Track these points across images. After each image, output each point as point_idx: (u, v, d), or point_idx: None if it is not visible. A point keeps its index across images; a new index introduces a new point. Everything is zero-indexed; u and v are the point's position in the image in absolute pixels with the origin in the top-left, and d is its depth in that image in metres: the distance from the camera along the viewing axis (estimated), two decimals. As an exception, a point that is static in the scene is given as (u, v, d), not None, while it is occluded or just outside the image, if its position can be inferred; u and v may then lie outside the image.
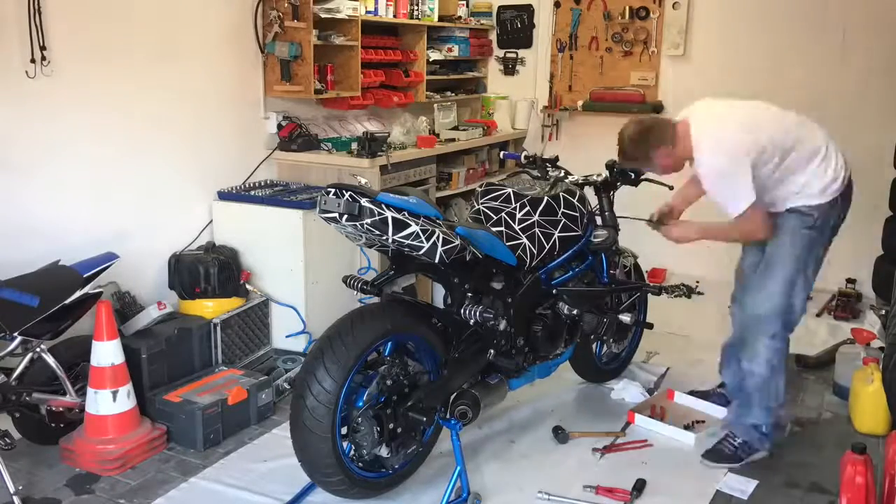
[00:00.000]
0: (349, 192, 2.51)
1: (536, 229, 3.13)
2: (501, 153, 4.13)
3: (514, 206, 3.14)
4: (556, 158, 3.54)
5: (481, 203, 3.21)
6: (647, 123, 3.09)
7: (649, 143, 3.02)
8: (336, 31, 4.48)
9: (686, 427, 3.38)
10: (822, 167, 2.99)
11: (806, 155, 2.98)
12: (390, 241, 2.55)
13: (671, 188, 3.41)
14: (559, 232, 3.19)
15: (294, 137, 4.37)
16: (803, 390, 3.88)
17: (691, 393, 3.68)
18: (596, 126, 5.61)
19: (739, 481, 3.02)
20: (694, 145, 2.94)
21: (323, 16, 4.30)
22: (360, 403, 2.69)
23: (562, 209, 3.22)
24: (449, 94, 5.68)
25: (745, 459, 3.15)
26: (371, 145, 4.26)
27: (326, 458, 2.62)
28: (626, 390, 3.76)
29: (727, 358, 3.47)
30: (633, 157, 3.10)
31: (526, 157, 3.55)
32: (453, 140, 5.12)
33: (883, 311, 4.06)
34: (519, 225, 3.11)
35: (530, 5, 5.94)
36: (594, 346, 3.78)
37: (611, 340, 3.79)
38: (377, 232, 2.53)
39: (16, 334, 2.83)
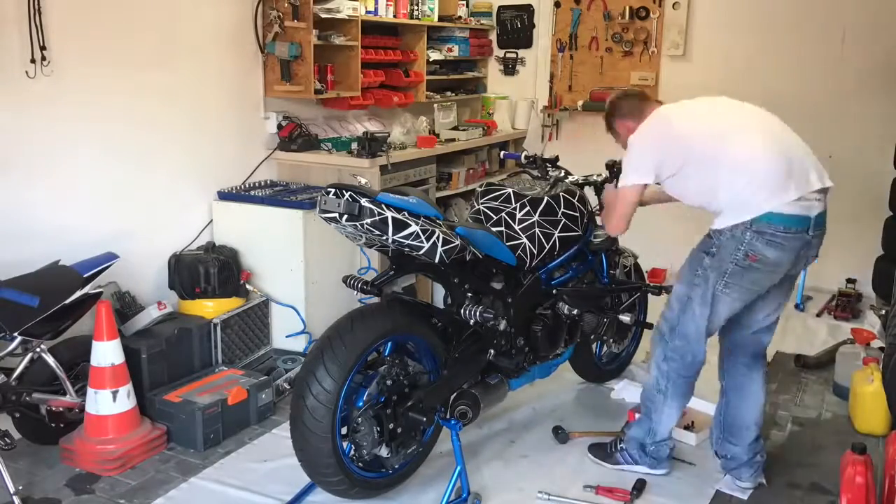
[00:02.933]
0: (349, 192, 2.51)
1: (536, 229, 3.13)
2: (502, 153, 4.13)
3: (514, 206, 3.14)
4: (557, 158, 3.54)
5: (481, 203, 3.21)
6: (628, 93, 3.19)
7: (620, 110, 3.10)
8: (336, 31, 4.48)
9: (686, 427, 3.38)
10: (739, 186, 2.67)
11: (729, 167, 2.69)
12: (390, 241, 2.55)
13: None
14: (559, 232, 3.19)
15: (294, 137, 4.37)
16: (803, 390, 3.88)
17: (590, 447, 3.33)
18: (596, 126, 5.55)
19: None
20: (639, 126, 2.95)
21: (323, 16, 4.30)
22: (360, 403, 2.69)
23: (562, 209, 3.22)
24: (449, 94, 5.68)
25: (620, 467, 3.06)
26: (371, 145, 4.26)
27: (326, 458, 2.62)
28: (626, 390, 3.77)
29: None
30: (605, 120, 3.19)
31: (526, 156, 3.56)
32: (453, 140, 5.12)
33: (883, 311, 4.06)
34: (519, 225, 3.11)
35: (530, 5, 5.94)
36: (594, 346, 3.79)
37: (611, 340, 3.79)
38: (377, 232, 2.53)
39: (16, 334, 2.83)
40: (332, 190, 2.53)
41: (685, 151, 2.78)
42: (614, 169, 3.45)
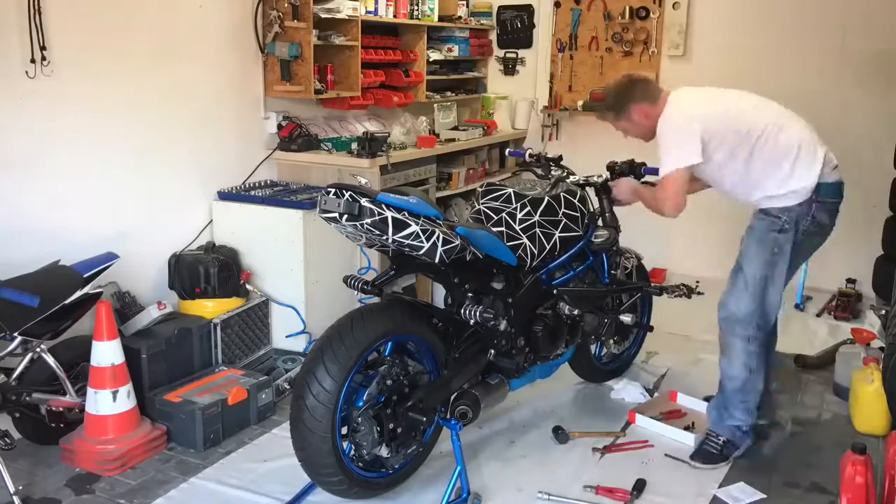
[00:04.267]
0: (349, 192, 2.51)
1: (537, 229, 3.13)
2: (508, 150, 4.13)
3: (514, 206, 3.14)
4: (560, 158, 3.55)
5: (482, 203, 3.21)
6: (638, 77, 3.16)
7: (634, 94, 3.06)
8: (336, 31, 4.48)
9: (686, 428, 3.38)
10: (792, 168, 2.94)
11: (776, 155, 2.93)
12: (390, 241, 2.55)
13: None
14: (560, 232, 3.19)
15: (294, 137, 4.37)
16: (803, 390, 3.88)
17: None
18: (596, 126, 5.59)
19: (739, 489, 3.00)
20: (667, 107, 3.00)
21: (323, 16, 4.30)
22: (360, 403, 2.68)
23: (562, 209, 3.22)
24: (449, 94, 5.68)
25: (732, 455, 3.16)
26: (371, 145, 4.26)
27: (326, 458, 2.62)
28: (626, 390, 3.77)
29: None
30: (613, 107, 3.11)
31: (530, 154, 3.56)
32: (453, 140, 5.12)
33: (883, 311, 4.06)
34: (519, 225, 3.11)
35: (530, 5, 5.94)
36: (594, 346, 3.78)
37: (611, 341, 3.79)
38: (377, 232, 2.53)
39: (16, 334, 2.83)
40: (332, 190, 2.53)
41: (736, 130, 2.92)
42: (615, 170, 3.47)
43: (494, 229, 3.06)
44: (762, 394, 3.19)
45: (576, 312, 3.28)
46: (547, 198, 3.20)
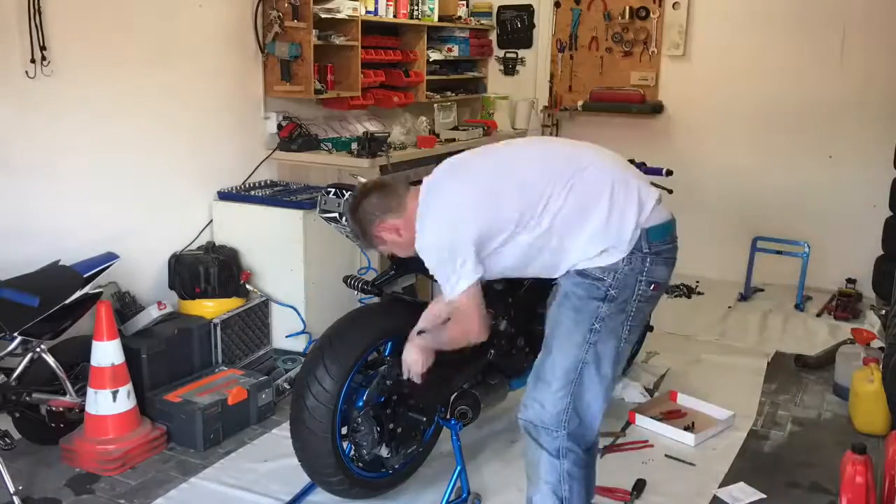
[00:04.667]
0: (349, 192, 2.51)
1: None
2: None
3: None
4: None
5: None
6: (364, 190, 2.46)
7: (368, 216, 2.40)
8: (336, 31, 4.48)
9: (686, 428, 3.38)
10: (607, 217, 2.25)
11: (577, 210, 2.25)
12: (390, 241, 2.54)
13: (671, 192, 3.41)
14: (559, 232, 3.18)
15: (294, 137, 4.37)
16: (803, 390, 3.88)
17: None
18: (596, 126, 5.62)
19: (739, 489, 2.99)
20: (418, 217, 2.33)
21: (323, 16, 4.30)
22: (360, 403, 2.68)
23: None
24: (449, 94, 5.68)
25: None
26: (371, 145, 4.26)
27: (326, 458, 2.62)
28: (625, 390, 3.76)
29: None
30: (362, 234, 2.46)
31: None
32: (453, 140, 5.12)
33: (883, 311, 4.06)
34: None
35: (530, 5, 5.95)
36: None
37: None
38: (377, 232, 2.52)
39: (16, 334, 2.83)
40: (332, 190, 2.53)
41: (513, 208, 2.26)
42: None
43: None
44: None
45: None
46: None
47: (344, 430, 2.70)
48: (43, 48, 3.18)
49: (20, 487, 2.79)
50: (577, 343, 2.28)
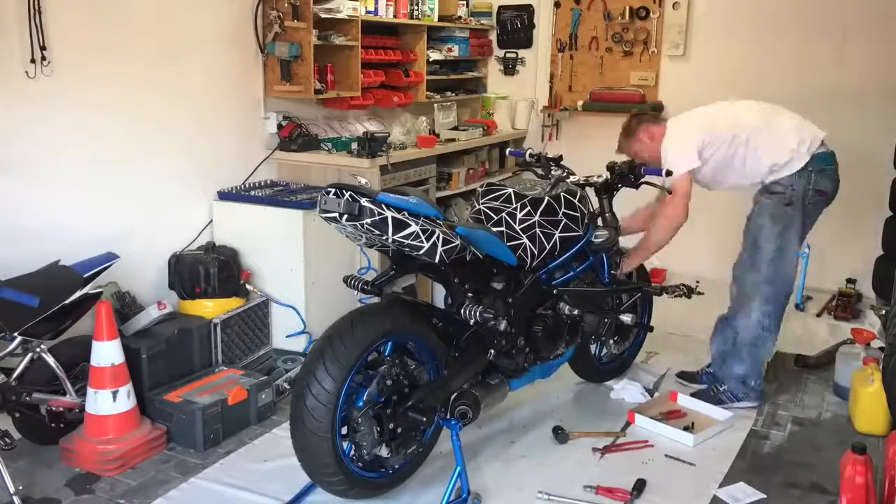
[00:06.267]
0: (349, 192, 2.51)
1: (537, 229, 3.13)
2: (508, 150, 4.15)
3: (514, 206, 3.14)
4: (560, 157, 3.55)
5: (482, 203, 3.21)
6: (646, 110, 3.80)
7: (641, 120, 3.62)
8: (336, 31, 4.48)
9: (686, 428, 3.38)
10: (784, 145, 3.36)
11: (779, 133, 3.38)
12: (390, 241, 2.55)
13: (669, 192, 3.42)
14: (560, 232, 3.19)
15: (294, 137, 4.37)
16: (803, 390, 3.88)
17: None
18: (596, 126, 5.61)
19: (739, 489, 3.00)
20: (668, 127, 3.54)
21: (323, 16, 4.30)
22: (360, 403, 2.68)
23: (562, 209, 3.21)
24: (449, 94, 5.68)
25: (728, 405, 3.52)
26: (371, 145, 4.26)
27: (326, 458, 2.62)
28: (625, 390, 3.76)
29: (718, 329, 3.69)
30: (625, 132, 3.63)
31: (530, 154, 3.56)
32: (453, 140, 5.12)
33: (883, 311, 4.06)
34: (519, 225, 3.11)
35: (530, 5, 5.94)
36: (594, 347, 3.78)
37: (611, 341, 3.79)
38: (377, 232, 2.53)
39: (16, 334, 2.83)
40: (332, 190, 2.53)
41: (731, 130, 3.39)
42: (615, 170, 3.46)
43: (494, 229, 3.06)
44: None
45: (576, 312, 3.28)
46: (547, 198, 3.19)
47: (344, 430, 2.70)
48: (43, 48, 3.18)
49: (20, 487, 2.79)
50: (776, 235, 3.40)
